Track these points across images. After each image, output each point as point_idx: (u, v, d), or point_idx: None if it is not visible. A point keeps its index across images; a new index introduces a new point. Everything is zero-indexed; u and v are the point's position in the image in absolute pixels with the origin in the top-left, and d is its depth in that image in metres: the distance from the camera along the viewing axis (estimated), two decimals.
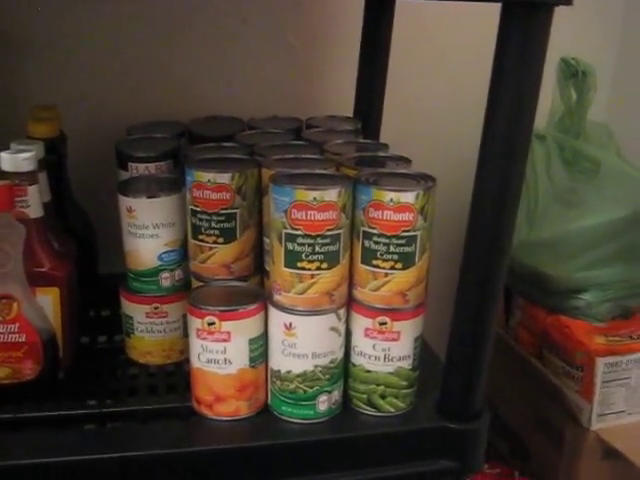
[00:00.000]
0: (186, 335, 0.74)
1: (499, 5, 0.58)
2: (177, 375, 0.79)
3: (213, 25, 1.04)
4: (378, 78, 1.00)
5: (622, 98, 1.22)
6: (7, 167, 0.70)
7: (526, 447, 1.12)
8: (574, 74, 1.03)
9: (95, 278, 0.93)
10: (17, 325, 0.69)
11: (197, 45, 1.05)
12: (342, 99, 1.03)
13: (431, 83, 1.15)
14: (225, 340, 0.67)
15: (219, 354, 0.67)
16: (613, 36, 1.22)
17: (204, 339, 0.67)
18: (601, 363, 0.97)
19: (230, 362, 0.68)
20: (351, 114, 1.02)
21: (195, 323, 0.67)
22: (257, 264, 0.76)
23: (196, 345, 0.68)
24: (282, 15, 1.07)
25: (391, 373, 0.70)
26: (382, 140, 0.94)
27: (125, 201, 0.75)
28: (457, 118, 1.10)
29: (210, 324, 0.67)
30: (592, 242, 1.02)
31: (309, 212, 0.63)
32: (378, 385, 0.71)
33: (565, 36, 1.07)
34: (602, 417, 0.99)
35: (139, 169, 0.81)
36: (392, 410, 0.72)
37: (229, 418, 0.70)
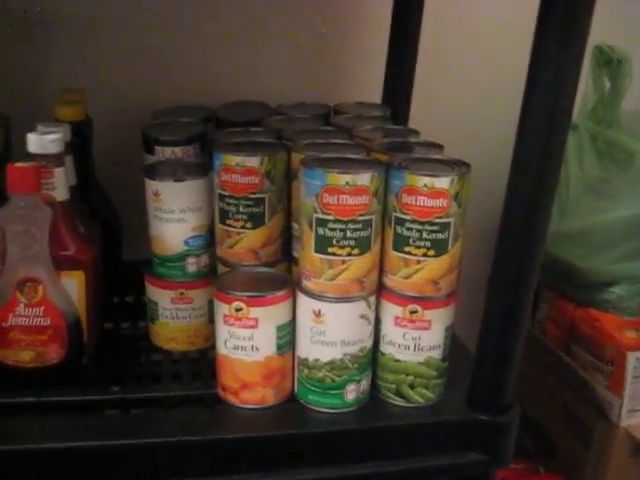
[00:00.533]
0: (211, 321, 0.73)
1: None
2: (202, 362, 0.78)
3: (241, 10, 1.03)
4: (408, 65, 0.99)
5: None
6: (34, 149, 0.70)
7: (553, 442, 1.11)
8: (608, 62, 1.01)
9: (119, 264, 0.92)
10: (42, 308, 0.68)
11: (225, 30, 1.03)
12: (371, 86, 1.02)
13: (462, 70, 1.13)
14: (252, 326, 0.66)
15: (246, 341, 0.66)
16: None
17: (231, 325, 0.66)
18: (632, 357, 0.95)
19: (257, 349, 0.67)
20: (380, 102, 1.01)
21: (222, 309, 0.66)
22: (285, 250, 0.75)
23: (223, 331, 0.67)
24: (311, 2, 1.06)
25: (421, 363, 0.69)
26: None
27: (151, 185, 0.74)
28: (489, 106, 1.08)
29: (238, 310, 0.65)
30: (624, 234, 1.00)
31: (341, 196, 0.62)
32: (407, 375, 0.69)
33: (600, 23, 1.05)
34: (632, 413, 0.97)
35: (165, 153, 0.80)
36: (421, 401, 0.70)
37: (255, 406, 0.69)
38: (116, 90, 1.01)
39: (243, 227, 0.71)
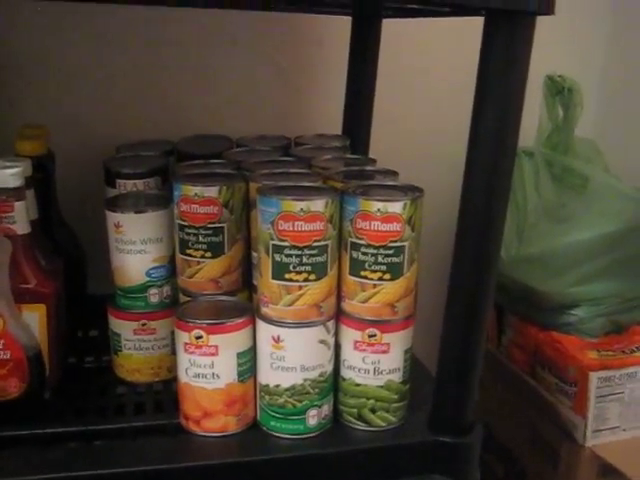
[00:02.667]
0: (174, 353, 0.73)
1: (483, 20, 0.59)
2: (165, 393, 0.77)
3: (203, 46, 1.05)
4: (366, 97, 1.01)
5: (608, 114, 1.23)
6: None
7: (522, 467, 1.11)
8: (560, 91, 1.04)
9: (84, 298, 0.92)
10: (2, 342, 0.68)
11: (186, 65, 1.05)
12: (331, 118, 1.04)
13: (418, 100, 1.16)
14: (213, 354, 0.66)
15: (207, 368, 0.67)
16: (598, 53, 1.24)
17: (192, 353, 0.67)
18: (594, 377, 0.96)
19: (218, 376, 0.67)
20: (340, 131, 1.03)
21: (182, 337, 0.67)
22: (245, 279, 0.76)
23: (184, 360, 0.68)
24: (271, 36, 1.08)
25: (381, 386, 0.70)
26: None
27: (112, 217, 0.75)
28: (447, 134, 1.10)
29: (198, 338, 0.66)
30: (582, 257, 1.02)
31: (296, 223, 0.63)
32: (368, 399, 0.70)
33: (551, 53, 1.08)
34: (597, 433, 0.98)
35: (127, 186, 0.81)
36: (383, 424, 0.71)
37: (217, 434, 0.69)
38: (80, 126, 1.02)
39: (203, 257, 0.72)
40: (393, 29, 0.98)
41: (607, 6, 1.23)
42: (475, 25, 0.61)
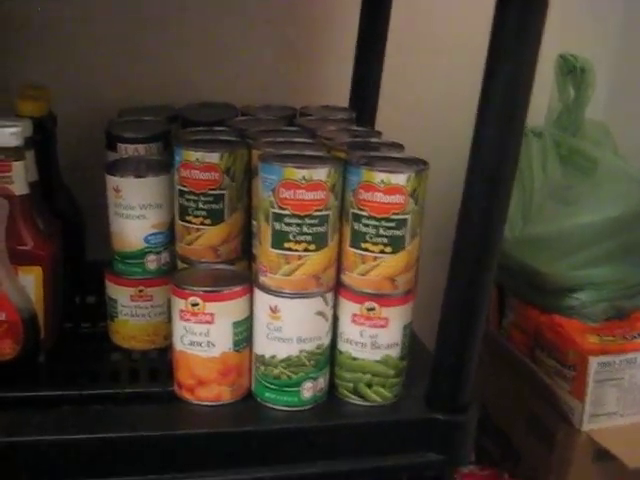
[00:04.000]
0: (171, 320, 0.72)
1: None
2: (160, 361, 0.77)
3: (208, 13, 1.03)
4: (374, 69, 1.00)
5: (620, 97, 1.21)
6: None
7: (517, 449, 1.11)
8: (572, 70, 1.02)
9: (82, 263, 0.92)
10: None
11: (192, 33, 1.04)
12: (338, 90, 1.02)
13: (428, 75, 1.14)
14: (209, 322, 0.65)
15: (202, 336, 0.66)
16: (612, 33, 1.22)
17: (187, 320, 0.66)
18: (594, 362, 0.96)
19: (213, 345, 0.66)
20: (347, 105, 1.01)
21: (178, 304, 0.66)
22: (245, 248, 0.75)
23: (179, 327, 0.67)
24: (279, 6, 1.06)
25: (378, 361, 0.69)
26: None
27: (112, 181, 0.74)
28: (454, 111, 1.09)
29: (194, 305, 0.65)
30: (587, 241, 1.01)
31: (297, 191, 0.62)
32: (365, 373, 0.69)
33: (564, 33, 1.06)
34: (594, 418, 0.98)
35: (128, 150, 0.80)
36: (378, 400, 0.70)
37: (211, 403, 0.68)
38: (82, 89, 1.00)
39: (202, 223, 0.71)
40: (403, 1, 0.96)
41: None
42: None
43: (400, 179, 0.63)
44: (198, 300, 0.65)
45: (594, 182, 1.02)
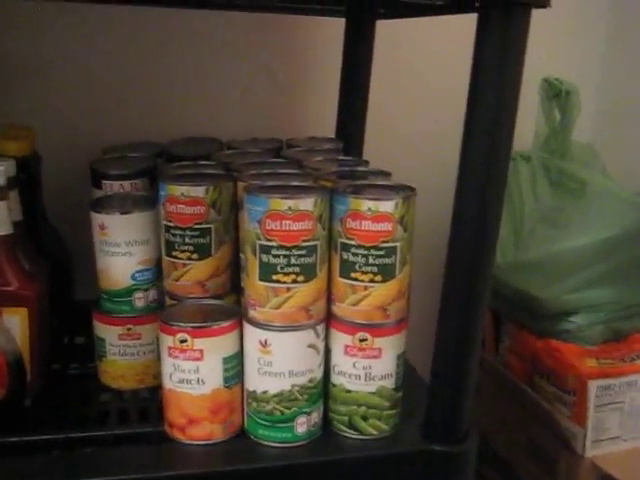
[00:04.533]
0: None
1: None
2: (151, 400, 0.75)
3: (194, 47, 1.04)
4: (359, 100, 1.00)
5: (607, 119, 1.21)
6: None
7: (519, 477, 1.08)
8: (557, 94, 1.03)
9: (70, 302, 0.90)
10: None
11: (177, 67, 1.04)
12: (325, 121, 1.02)
13: (412, 103, 1.14)
14: (198, 359, 0.64)
15: (192, 373, 0.64)
16: (597, 56, 1.23)
17: (176, 358, 0.64)
18: (593, 386, 0.94)
19: (203, 382, 0.65)
20: (334, 136, 1.01)
21: (167, 341, 0.65)
22: (233, 282, 0.74)
23: (168, 364, 0.65)
24: (264, 39, 1.07)
25: (373, 393, 0.67)
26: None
27: (97, 218, 0.73)
28: (442, 137, 1.09)
29: (182, 341, 0.64)
30: (580, 263, 1.00)
31: (284, 222, 0.61)
32: (359, 406, 0.68)
33: (548, 56, 1.07)
34: (596, 443, 0.96)
35: (113, 187, 0.79)
36: (375, 433, 0.68)
37: (203, 442, 0.66)
38: (67, 128, 1.00)
39: (189, 258, 0.70)
40: (387, 31, 0.97)
41: (605, 8, 1.22)
42: (469, 27, 0.59)
43: (388, 206, 0.62)
44: (186, 336, 0.64)
45: (584, 204, 1.01)
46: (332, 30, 1.00)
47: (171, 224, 0.70)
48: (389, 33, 0.99)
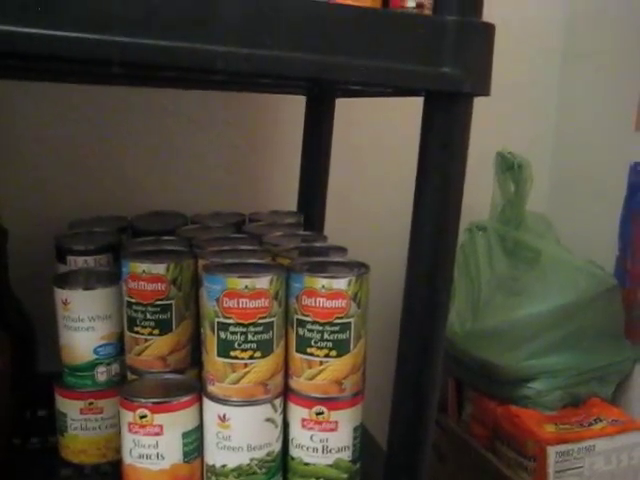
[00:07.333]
0: None
1: None
2: (112, 475, 0.75)
3: (161, 123, 1.06)
4: (320, 174, 1.03)
5: (560, 189, 1.26)
6: None
7: None
8: (510, 167, 1.07)
9: (33, 376, 0.90)
10: None
11: (144, 142, 1.06)
12: (287, 196, 1.05)
13: (370, 178, 1.18)
14: (158, 434, 0.65)
15: (151, 448, 0.65)
16: (550, 129, 1.28)
17: (136, 433, 0.65)
18: (552, 452, 0.96)
19: (163, 457, 0.66)
20: (295, 209, 1.04)
21: (127, 417, 0.66)
22: (194, 356, 0.75)
23: (128, 440, 0.66)
24: (227, 116, 1.10)
25: (330, 465, 0.69)
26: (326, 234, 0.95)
27: (60, 293, 0.74)
28: (397, 211, 1.12)
29: (142, 417, 0.65)
30: (537, 330, 1.03)
31: (241, 300, 0.63)
32: (317, 478, 0.69)
33: (502, 130, 1.12)
34: None
35: (77, 262, 0.81)
36: None
37: None
38: (33, 203, 1.02)
39: (150, 334, 0.72)
40: (347, 108, 1.01)
41: (554, 82, 1.28)
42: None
43: (341, 284, 0.65)
44: (146, 412, 0.65)
45: (539, 272, 1.05)
46: (294, 108, 1.04)
47: (133, 300, 0.71)
48: (349, 110, 1.03)
